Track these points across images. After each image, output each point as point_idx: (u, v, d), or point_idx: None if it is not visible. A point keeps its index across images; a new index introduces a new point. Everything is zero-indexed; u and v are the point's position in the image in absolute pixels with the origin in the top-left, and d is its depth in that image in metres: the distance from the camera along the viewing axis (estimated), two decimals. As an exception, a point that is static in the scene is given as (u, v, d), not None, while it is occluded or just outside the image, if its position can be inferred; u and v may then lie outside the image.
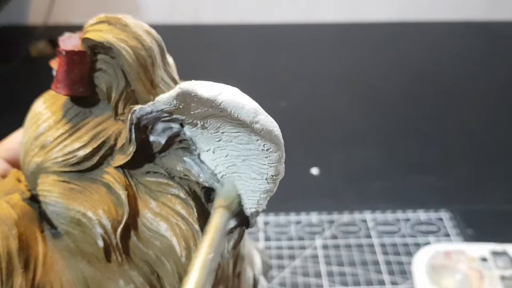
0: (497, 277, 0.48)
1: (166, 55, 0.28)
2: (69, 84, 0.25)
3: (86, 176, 0.25)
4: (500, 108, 0.79)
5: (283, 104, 0.79)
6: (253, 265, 0.38)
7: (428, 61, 0.92)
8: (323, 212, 0.59)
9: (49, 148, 0.25)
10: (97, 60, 0.25)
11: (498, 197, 0.61)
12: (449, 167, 0.66)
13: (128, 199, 0.25)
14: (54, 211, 0.25)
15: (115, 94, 0.26)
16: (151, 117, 0.23)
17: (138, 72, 0.25)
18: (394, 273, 0.51)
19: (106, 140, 0.25)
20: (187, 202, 0.25)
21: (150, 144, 0.25)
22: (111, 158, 0.25)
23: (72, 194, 0.25)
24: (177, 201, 0.25)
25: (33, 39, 0.90)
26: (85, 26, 0.26)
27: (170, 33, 0.44)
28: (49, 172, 0.25)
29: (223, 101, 0.20)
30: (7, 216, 0.25)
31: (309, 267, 0.52)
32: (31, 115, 0.27)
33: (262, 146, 0.22)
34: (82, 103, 0.26)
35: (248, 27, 1.02)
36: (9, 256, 0.24)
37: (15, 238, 0.24)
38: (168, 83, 0.28)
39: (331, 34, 1.01)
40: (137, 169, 0.25)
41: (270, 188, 0.23)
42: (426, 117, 0.74)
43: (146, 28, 0.26)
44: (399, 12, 1.03)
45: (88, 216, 0.24)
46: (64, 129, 0.25)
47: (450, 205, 0.59)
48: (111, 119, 0.26)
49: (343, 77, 0.87)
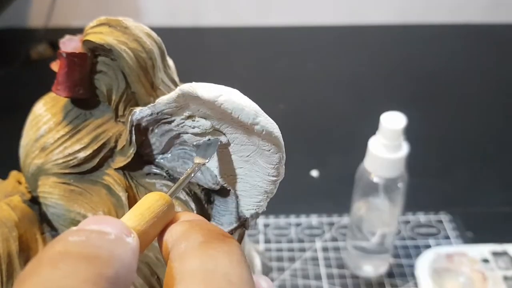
0: (500, 278, 0.48)
1: (167, 57, 0.28)
2: (70, 86, 0.25)
3: (86, 178, 0.25)
4: (499, 111, 0.79)
5: (282, 106, 0.79)
6: (253, 267, 0.38)
7: (427, 63, 0.92)
8: (323, 215, 0.59)
9: (49, 150, 0.25)
10: (97, 62, 0.25)
11: (497, 200, 0.61)
12: (449, 170, 0.66)
13: (129, 200, 0.25)
14: (54, 213, 0.25)
15: (115, 96, 0.26)
16: (151, 119, 0.23)
17: (139, 74, 0.25)
18: (394, 275, 0.51)
19: (106, 142, 0.25)
20: (187, 203, 0.25)
21: (151, 145, 0.25)
22: (112, 160, 0.25)
23: (72, 196, 0.25)
24: (177, 202, 0.25)
25: (33, 42, 0.90)
26: (85, 29, 0.26)
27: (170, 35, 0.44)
28: (50, 174, 0.25)
29: (223, 103, 0.20)
30: (8, 218, 0.25)
31: (309, 269, 0.52)
32: (32, 117, 0.27)
33: (263, 147, 0.22)
34: (82, 105, 0.26)
35: (248, 29, 1.03)
36: (9, 258, 0.24)
37: (16, 240, 0.24)
38: (168, 85, 0.28)
39: (330, 36, 1.01)
40: (138, 171, 0.26)
41: (270, 189, 0.23)
42: (426, 120, 0.74)
43: (147, 30, 0.26)
44: (398, 14, 1.03)
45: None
46: (64, 131, 0.25)
47: (450, 208, 0.59)
48: (112, 121, 0.26)
49: (343, 79, 0.87)
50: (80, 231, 0.16)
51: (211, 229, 0.18)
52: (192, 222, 0.19)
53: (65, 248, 0.15)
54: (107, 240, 0.15)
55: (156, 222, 0.18)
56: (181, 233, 0.18)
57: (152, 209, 0.18)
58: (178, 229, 0.18)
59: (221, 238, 0.18)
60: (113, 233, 0.16)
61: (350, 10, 1.03)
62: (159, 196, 0.19)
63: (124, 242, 0.16)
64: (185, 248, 0.17)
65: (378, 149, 0.43)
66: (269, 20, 1.03)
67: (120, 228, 0.16)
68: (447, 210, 0.59)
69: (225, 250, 0.17)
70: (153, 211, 0.18)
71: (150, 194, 0.19)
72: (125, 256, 0.15)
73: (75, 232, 0.16)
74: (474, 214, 0.58)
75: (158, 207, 0.18)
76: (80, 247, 0.15)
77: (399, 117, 0.42)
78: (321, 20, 1.04)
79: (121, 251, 0.15)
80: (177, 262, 0.17)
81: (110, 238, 0.16)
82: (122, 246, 0.16)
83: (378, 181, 0.44)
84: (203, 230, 0.18)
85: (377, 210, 0.46)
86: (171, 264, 0.17)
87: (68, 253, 0.15)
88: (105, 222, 0.16)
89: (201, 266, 0.16)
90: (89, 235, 0.15)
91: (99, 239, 0.15)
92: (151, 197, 0.19)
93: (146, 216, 0.18)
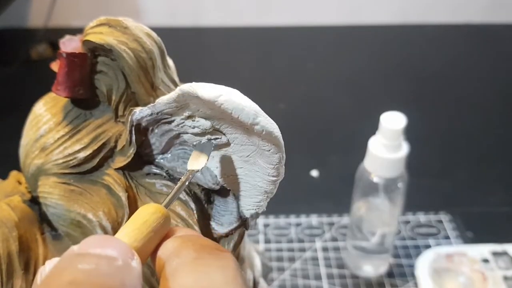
0: (500, 278, 0.48)
1: (166, 57, 0.28)
2: (70, 86, 0.25)
3: (86, 178, 0.25)
4: (499, 111, 0.79)
5: (282, 106, 0.79)
6: (253, 267, 0.38)
7: (427, 63, 0.92)
8: (323, 215, 0.59)
9: (49, 150, 0.25)
10: (97, 62, 0.25)
11: (497, 200, 0.61)
12: (449, 169, 0.66)
13: (129, 200, 0.25)
14: (54, 213, 0.25)
15: (115, 96, 0.26)
16: (151, 119, 0.23)
17: (139, 74, 0.25)
18: (394, 275, 0.51)
19: (106, 142, 0.25)
20: (187, 204, 0.25)
21: (151, 145, 0.25)
22: (112, 160, 0.25)
23: (72, 196, 0.25)
24: (177, 202, 0.25)
25: (33, 42, 0.90)
26: (85, 29, 0.26)
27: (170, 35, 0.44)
28: (50, 174, 0.25)
29: (223, 103, 0.20)
30: (8, 218, 0.25)
31: (309, 269, 0.52)
32: (32, 117, 0.27)
33: (263, 147, 0.22)
34: (82, 105, 0.26)
35: (248, 29, 1.02)
36: (9, 258, 0.24)
37: (16, 240, 0.24)
38: (168, 85, 0.28)
39: (330, 36, 1.01)
40: (138, 171, 0.26)
41: (270, 189, 0.23)
42: (425, 120, 0.74)
43: (147, 30, 0.26)
44: (398, 14, 1.03)
45: (88, 218, 0.24)
46: (64, 131, 0.25)
47: (450, 208, 0.59)
48: (112, 121, 0.26)
49: (343, 79, 0.87)
50: (87, 256, 0.15)
51: (204, 244, 0.18)
52: (184, 237, 0.18)
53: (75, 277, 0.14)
54: (116, 268, 0.15)
55: (152, 237, 0.18)
56: (173, 249, 0.18)
57: (148, 223, 0.18)
58: (170, 245, 0.18)
59: (215, 253, 0.17)
60: (120, 258, 0.15)
61: (350, 10, 1.03)
62: (155, 209, 0.18)
63: (131, 268, 0.16)
64: (177, 265, 0.17)
65: (378, 149, 0.43)
66: (269, 20, 1.03)
67: (125, 252, 0.16)
68: (447, 210, 0.59)
69: (219, 266, 0.17)
70: (150, 225, 0.18)
71: (146, 206, 0.19)
72: (134, 283, 0.15)
73: (82, 257, 0.15)
74: (474, 214, 0.58)
75: (155, 221, 0.18)
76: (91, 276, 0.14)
77: (399, 117, 0.42)
78: (321, 20, 1.04)
79: (130, 278, 0.15)
80: (170, 280, 0.16)
81: (119, 264, 0.15)
82: (130, 273, 0.15)
83: (378, 181, 0.44)
84: (196, 245, 0.17)
85: (377, 210, 0.46)
86: (163, 282, 0.16)
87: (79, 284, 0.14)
88: (109, 244, 0.16)
89: (194, 284, 0.16)
90: (98, 262, 0.15)
91: (109, 267, 0.15)
92: (147, 209, 0.18)
93: (143, 231, 0.18)
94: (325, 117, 0.77)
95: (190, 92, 0.20)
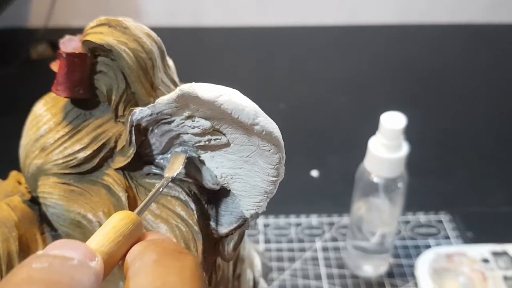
0: (500, 278, 0.48)
1: (166, 57, 0.28)
2: (70, 86, 0.25)
3: (86, 178, 0.25)
4: (499, 110, 0.79)
5: (282, 106, 0.79)
6: (253, 267, 0.38)
7: (427, 63, 0.92)
8: (323, 215, 0.59)
9: (49, 150, 0.25)
10: (97, 62, 0.25)
11: (497, 200, 0.61)
12: (449, 169, 0.66)
13: (129, 201, 0.25)
14: (54, 213, 0.25)
15: (115, 96, 0.26)
16: (151, 119, 0.23)
17: (138, 74, 0.25)
18: (394, 275, 0.51)
19: (106, 142, 0.25)
20: (187, 204, 0.25)
21: (150, 146, 0.25)
22: (112, 160, 0.25)
23: (72, 196, 0.25)
24: (177, 203, 0.25)
25: (33, 42, 0.90)
26: (85, 29, 0.26)
27: (170, 35, 0.44)
28: (50, 174, 0.25)
29: (223, 103, 0.20)
30: (8, 218, 0.25)
31: (309, 269, 0.52)
32: (32, 117, 0.27)
33: (263, 147, 0.22)
34: (82, 105, 0.26)
35: (248, 29, 1.02)
36: (9, 258, 0.24)
37: (15, 240, 0.24)
38: (168, 85, 0.28)
39: (330, 36, 1.01)
40: (137, 171, 0.26)
41: (270, 189, 0.23)
42: (426, 120, 0.74)
43: (147, 30, 0.26)
44: (398, 14, 1.03)
45: (88, 218, 0.24)
46: (64, 131, 0.25)
47: (450, 208, 0.59)
48: (111, 121, 0.26)
49: (342, 79, 0.87)
50: (43, 257, 0.16)
51: (166, 247, 0.19)
52: (150, 241, 0.19)
53: (28, 275, 0.15)
54: (69, 266, 0.16)
55: (121, 242, 0.18)
56: (138, 252, 0.18)
57: (116, 228, 0.19)
58: (136, 249, 0.19)
59: (175, 255, 0.18)
60: (76, 258, 0.16)
61: (350, 10, 1.03)
62: (124, 215, 0.19)
63: (87, 267, 0.16)
64: (138, 267, 0.18)
65: (378, 149, 0.43)
66: (269, 20, 1.03)
67: (83, 253, 0.17)
68: (447, 210, 0.59)
69: (177, 267, 0.17)
70: (118, 230, 0.19)
71: (116, 213, 0.19)
72: (87, 280, 0.16)
73: (38, 258, 0.16)
74: (474, 214, 0.58)
75: (123, 226, 0.19)
76: (43, 274, 0.15)
77: (399, 117, 0.42)
78: (321, 20, 1.04)
79: (82, 276, 0.16)
80: (131, 281, 0.17)
81: (73, 263, 0.16)
82: (84, 271, 0.16)
83: (378, 181, 0.44)
84: (158, 248, 0.18)
85: (377, 210, 0.46)
86: (126, 283, 0.17)
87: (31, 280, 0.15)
88: (69, 246, 0.17)
89: (149, 284, 0.17)
90: (52, 261, 0.16)
91: (61, 265, 0.16)
92: (117, 216, 0.19)
93: (111, 236, 0.18)
94: (325, 117, 0.77)
95: (190, 92, 0.20)
